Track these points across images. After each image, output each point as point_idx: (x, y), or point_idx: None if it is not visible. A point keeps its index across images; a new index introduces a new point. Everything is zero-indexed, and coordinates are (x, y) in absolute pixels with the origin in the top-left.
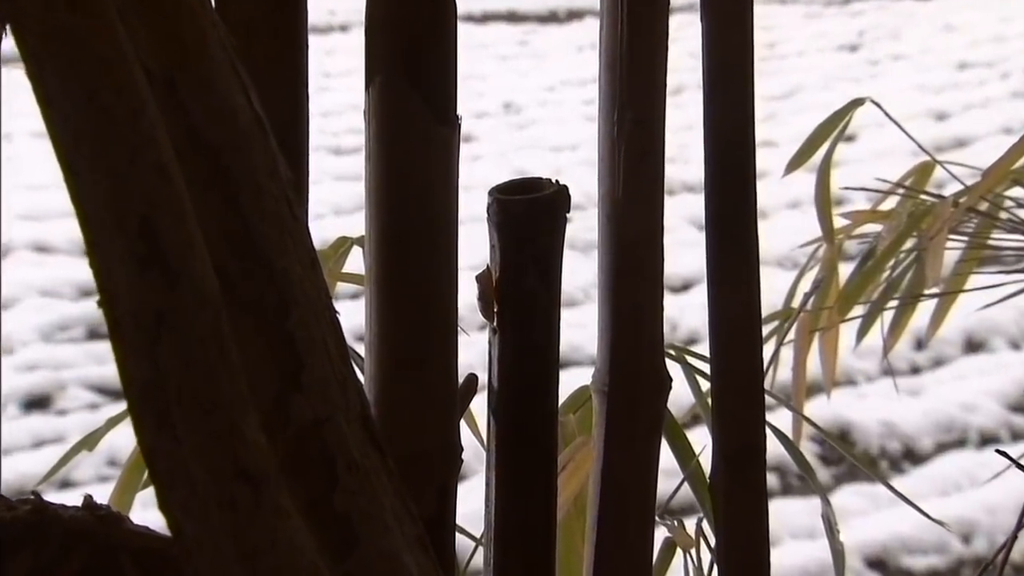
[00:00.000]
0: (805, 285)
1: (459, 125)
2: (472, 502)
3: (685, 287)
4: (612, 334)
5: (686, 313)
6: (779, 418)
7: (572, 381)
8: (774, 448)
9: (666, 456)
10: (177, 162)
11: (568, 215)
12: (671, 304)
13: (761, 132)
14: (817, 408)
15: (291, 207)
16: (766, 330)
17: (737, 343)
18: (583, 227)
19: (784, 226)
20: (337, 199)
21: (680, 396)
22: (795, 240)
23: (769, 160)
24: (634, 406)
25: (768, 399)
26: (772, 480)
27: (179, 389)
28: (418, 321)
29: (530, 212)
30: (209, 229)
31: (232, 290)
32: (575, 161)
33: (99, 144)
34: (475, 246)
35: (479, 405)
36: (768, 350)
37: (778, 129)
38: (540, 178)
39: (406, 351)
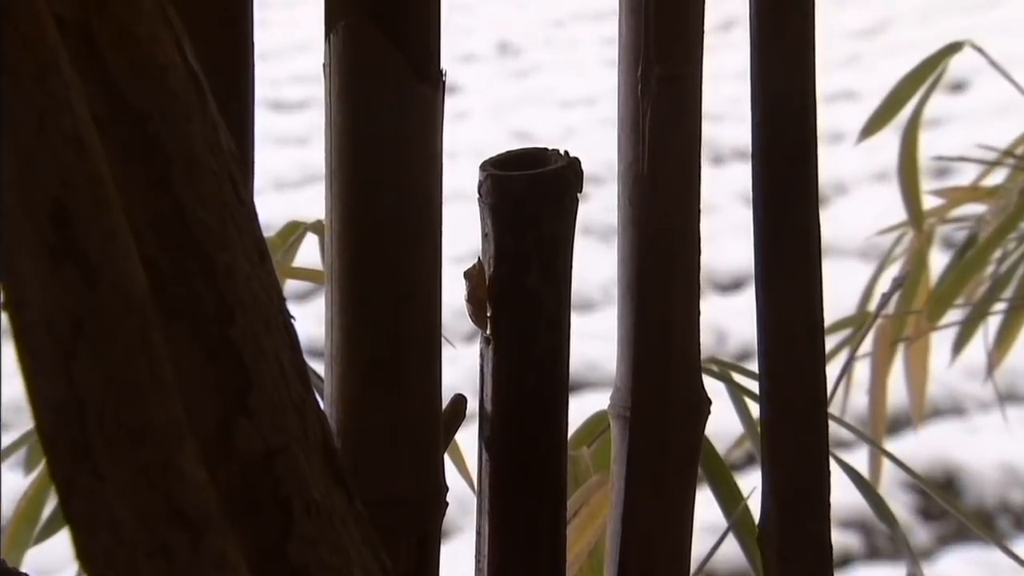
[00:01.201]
0: (885, 282)
1: (443, 81)
2: (460, 557)
3: (736, 285)
4: (636, 345)
5: (737, 319)
6: (856, 457)
7: (586, 406)
8: (853, 497)
9: (704, 500)
10: (96, 131)
11: (580, 193)
12: (717, 307)
13: (836, 80)
14: (912, 445)
15: (235, 187)
16: (834, 340)
17: (794, 357)
18: (602, 207)
19: (863, 206)
20: (279, 168)
21: (724, 423)
22: (876, 224)
23: (848, 117)
24: (663, 436)
25: (838, 430)
26: (851, 538)
27: (100, 413)
28: (391, 329)
29: (532, 191)
30: (135, 215)
31: (163, 291)
32: (591, 120)
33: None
34: (462, 233)
35: (468, 435)
36: (836, 366)
37: (862, 76)
38: (544, 148)
39: (376, 367)
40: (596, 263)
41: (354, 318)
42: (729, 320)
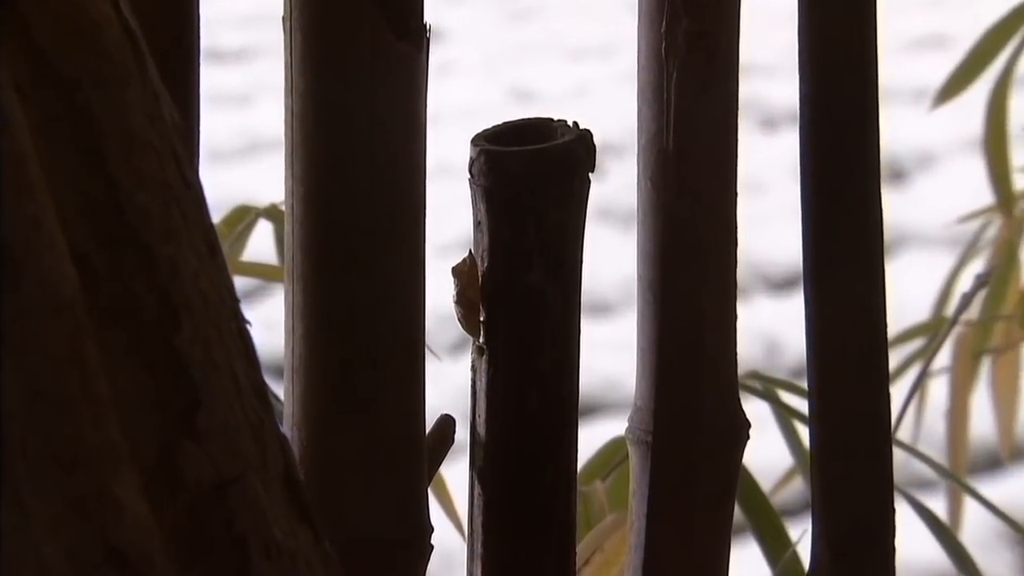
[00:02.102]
0: (966, 281)
1: (427, 38)
2: None
3: (792, 283)
4: (659, 356)
5: (794, 325)
6: (932, 497)
7: (600, 432)
8: (927, 546)
9: (743, 545)
10: (16, 102)
11: (593, 173)
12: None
13: (920, 23)
14: (1011, 484)
15: (179, 166)
16: (903, 352)
17: (852, 371)
18: (622, 186)
19: (953, 181)
20: (216, 135)
21: (768, 453)
22: (969, 205)
23: (936, 70)
24: (693, 466)
25: (907, 462)
26: None
27: (24, 436)
28: (364, 337)
29: (535, 171)
30: (62, 200)
31: (97, 290)
32: (608, 76)
33: None
34: (450, 220)
35: (457, 465)
36: (906, 383)
37: (954, 19)
38: (549, 119)
39: (347, 382)
40: (614, 256)
41: (320, 324)
42: (784, 326)
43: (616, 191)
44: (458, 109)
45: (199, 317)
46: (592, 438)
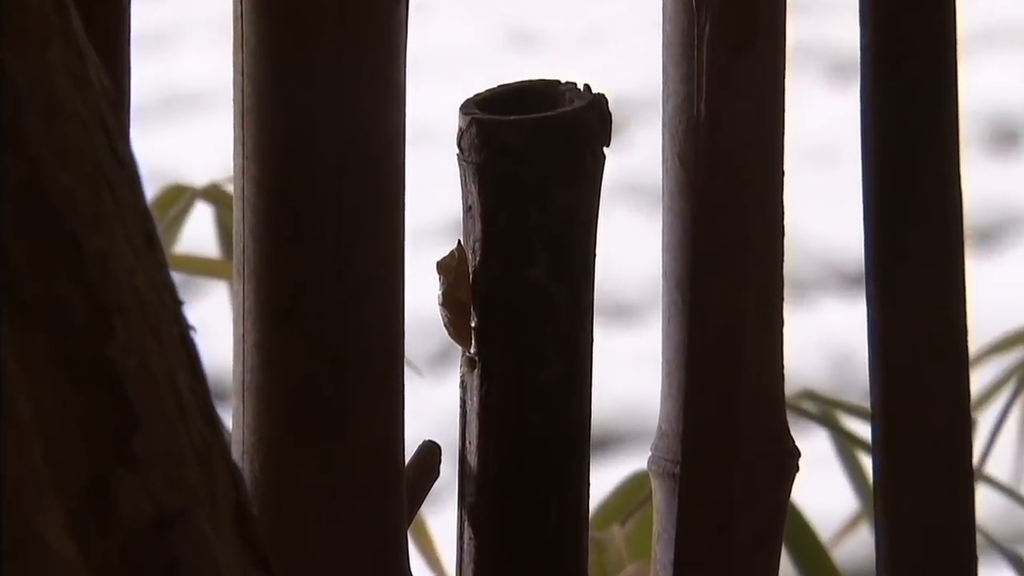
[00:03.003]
0: None
1: None
2: None
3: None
4: (689, 370)
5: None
6: None
7: (618, 464)
8: None
9: None
10: None
11: (608, 147)
12: (836, 314)
13: None
14: None
15: (111, 139)
16: (992, 369)
17: (924, 390)
18: (648, 158)
19: None
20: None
21: (827, 490)
22: None
23: None
24: (730, 503)
25: (994, 501)
26: None
27: None
28: (331, 347)
29: (537, 144)
30: None
31: (14, 290)
32: (629, 14)
33: None
34: (433, 203)
35: (443, 503)
36: (996, 407)
37: None
38: (555, 81)
39: (309, 402)
40: (637, 248)
41: (277, 330)
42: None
43: (641, 165)
44: (442, 57)
45: (135, 322)
46: (608, 472)
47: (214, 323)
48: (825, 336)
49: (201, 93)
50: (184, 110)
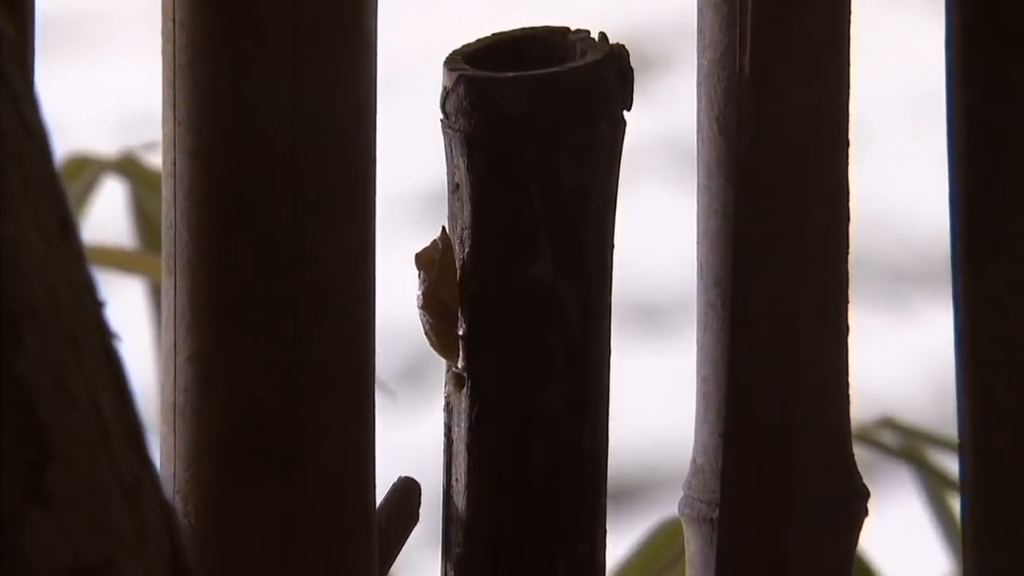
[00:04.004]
0: None
1: None
2: None
3: None
4: (731, 390)
5: None
6: None
7: (645, 509)
8: None
9: None
10: None
11: (629, 111)
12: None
13: None
14: None
15: (16, 102)
16: None
17: (1020, 416)
18: (689, 115)
19: None
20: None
21: (911, 537)
22: None
23: None
24: (781, 555)
25: None
26: None
27: None
28: (286, 359)
29: (541, 108)
30: None
31: None
32: None
33: None
34: (412, 177)
35: (424, 554)
36: None
37: None
38: (563, 28)
39: (258, 430)
40: (670, 235)
41: (217, 340)
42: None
43: (678, 124)
44: None
45: (48, 328)
46: (632, 519)
47: (129, 332)
48: (923, 349)
49: (90, 17)
50: (70, 44)
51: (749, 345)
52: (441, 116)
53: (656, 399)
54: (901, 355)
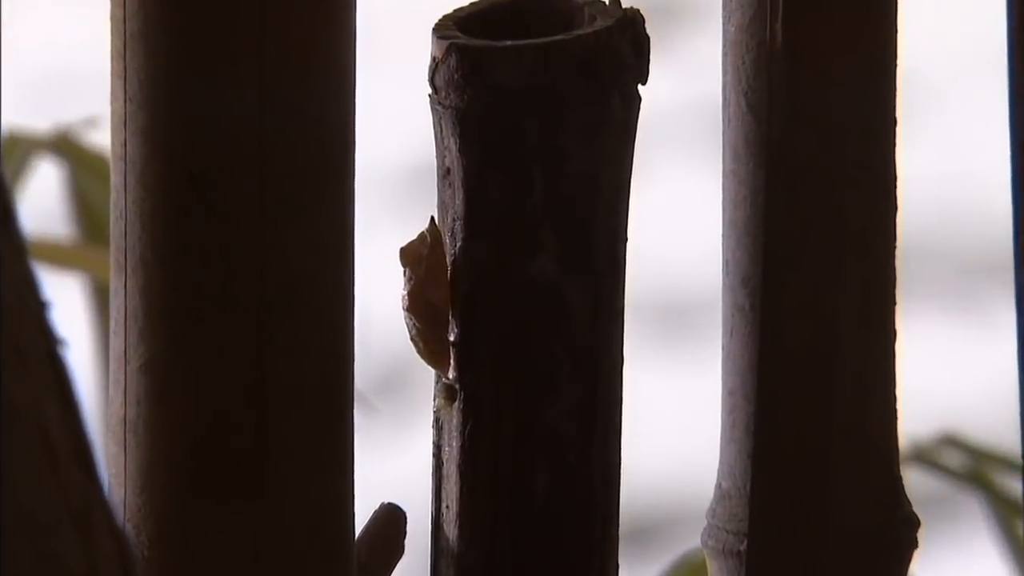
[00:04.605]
0: None
1: None
2: None
3: None
4: (761, 405)
5: None
6: None
7: (666, 546)
8: None
9: None
10: None
11: (644, 85)
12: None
13: None
14: None
15: None
16: None
17: None
18: (716, 81)
19: None
20: None
21: (975, 569)
22: None
23: None
24: None
25: None
26: None
27: None
28: (251, 370)
29: (543, 82)
30: None
31: None
32: None
33: None
34: (394, 163)
35: None
36: None
37: None
38: None
39: (221, 451)
40: (696, 224)
41: (173, 347)
42: None
43: (705, 94)
44: None
45: None
46: (649, 551)
47: (69, 337)
48: (993, 356)
49: None
50: None
51: (782, 352)
52: (429, 91)
53: (676, 414)
54: (967, 362)
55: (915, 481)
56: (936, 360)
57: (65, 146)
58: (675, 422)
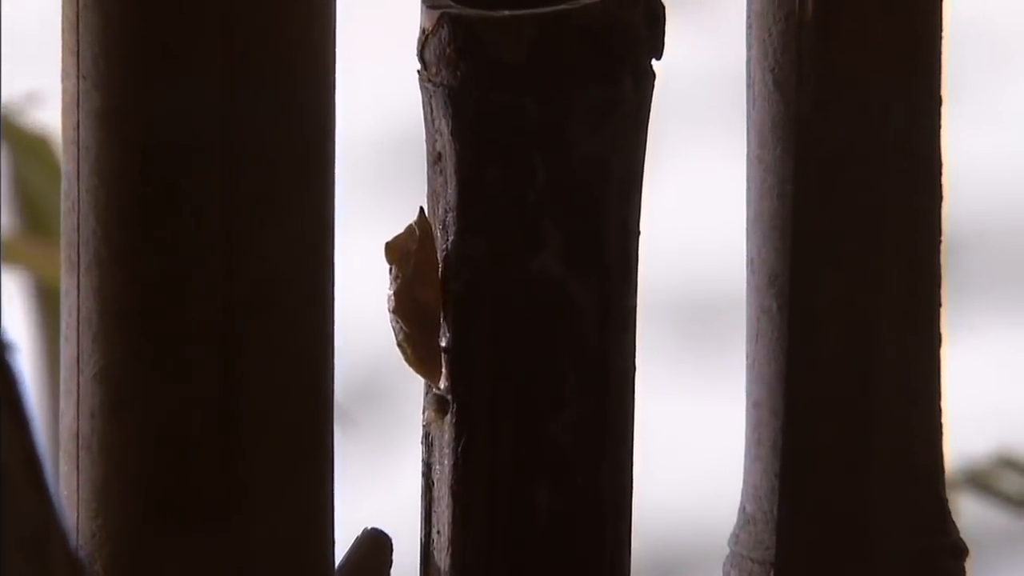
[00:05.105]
0: None
1: None
2: None
3: None
4: (790, 419)
5: None
6: None
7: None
8: None
9: None
10: None
11: (659, 60)
12: None
13: None
14: None
15: None
16: None
17: None
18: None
19: None
20: None
21: None
22: None
23: None
24: None
25: None
26: None
27: None
28: (217, 378)
29: (545, 58)
30: None
31: None
32: None
33: None
34: (378, 148)
35: None
36: None
37: None
38: None
39: (184, 470)
40: (721, 216)
41: (132, 354)
42: None
43: (730, 65)
44: None
45: None
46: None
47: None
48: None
49: None
50: None
51: (813, 360)
52: (419, 67)
53: (694, 429)
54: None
55: (967, 507)
56: (991, 370)
57: (3, 125)
58: (693, 437)
